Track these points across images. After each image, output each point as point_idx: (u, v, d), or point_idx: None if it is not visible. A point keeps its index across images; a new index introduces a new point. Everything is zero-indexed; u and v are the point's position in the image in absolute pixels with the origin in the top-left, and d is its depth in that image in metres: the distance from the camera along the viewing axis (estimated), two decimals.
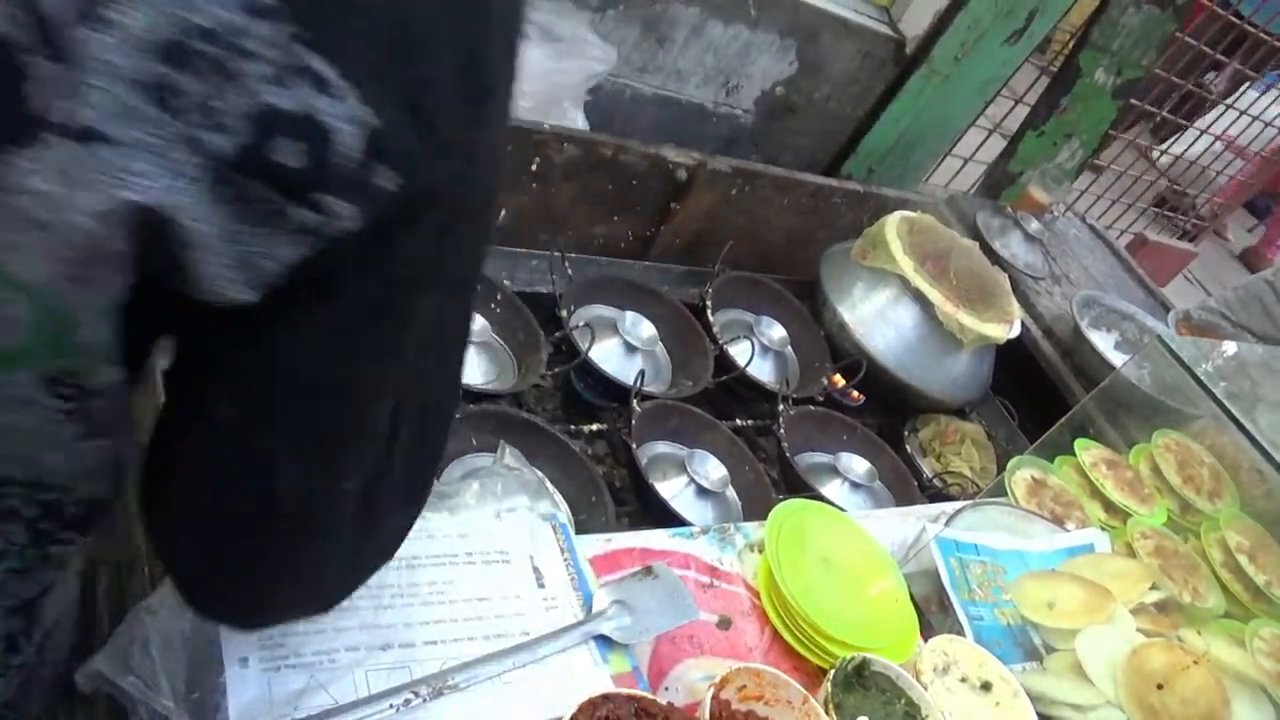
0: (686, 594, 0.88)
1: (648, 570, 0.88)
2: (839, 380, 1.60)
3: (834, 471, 1.47)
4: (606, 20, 1.70)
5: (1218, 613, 1.27)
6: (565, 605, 0.82)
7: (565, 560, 0.85)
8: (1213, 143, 3.84)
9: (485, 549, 0.80)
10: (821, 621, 0.97)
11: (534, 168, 1.45)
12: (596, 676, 0.77)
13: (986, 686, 1.00)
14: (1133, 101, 2.36)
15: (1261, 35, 3.00)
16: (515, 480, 0.88)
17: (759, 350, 1.52)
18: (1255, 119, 3.45)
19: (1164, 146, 3.93)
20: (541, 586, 0.81)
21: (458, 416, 1.15)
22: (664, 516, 1.20)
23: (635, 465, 1.24)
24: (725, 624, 0.98)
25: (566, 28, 1.60)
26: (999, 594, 1.16)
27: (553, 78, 1.55)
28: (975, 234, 1.92)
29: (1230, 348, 1.46)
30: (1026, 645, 1.14)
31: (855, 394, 1.61)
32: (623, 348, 1.41)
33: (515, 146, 1.41)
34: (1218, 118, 3.81)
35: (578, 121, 1.62)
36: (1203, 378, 1.08)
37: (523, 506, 0.87)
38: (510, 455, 0.92)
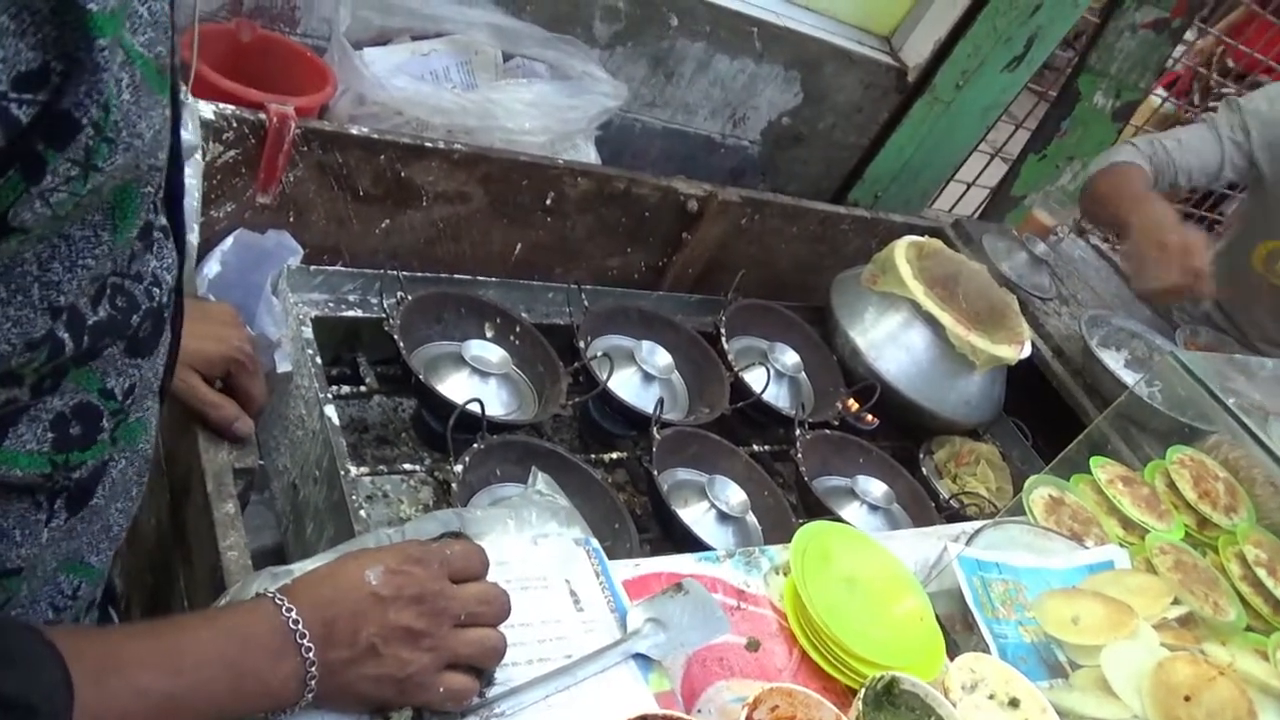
0: (717, 608, 0.89)
1: (679, 587, 0.89)
2: (853, 404, 1.61)
3: (851, 494, 1.48)
4: (615, 57, 1.74)
5: (1239, 626, 1.27)
6: (603, 627, 0.83)
7: (600, 583, 0.86)
8: None
9: (523, 575, 0.81)
10: (849, 641, 0.98)
11: (549, 202, 1.48)
12: (639, 695, 0.79)
13: (1014, 703, 1.01)
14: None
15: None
16: (547, 507, 0.90)
17: (774, 376, 1.54)
18: None
19: None
20: (580, 609, 0.83)
21: (480, 447, 1.17)
22: (686, 542, 1.22)
23: (657, 492, 1.25)
24: (754, 646, 0.99)
25: (577, 65, 1.64)
26: (1022, 611, 1.17)
27: (564, 114, 1.58)
28: (982, 257, 1.94)
29: (1240, 362, 1.47)
30: (1051, 662, 1.14)
31: (870, 417, 1.62)
32: (640, 377, 1.43)
33: (530, 182, 1.44)
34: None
35: (589, 156, 1.65)
36: (1217, 392, 1.09)
37: (554, 533, 0.88)
38: (542, 481, 0.94)
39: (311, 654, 0.65)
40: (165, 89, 0.48)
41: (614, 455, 1.39)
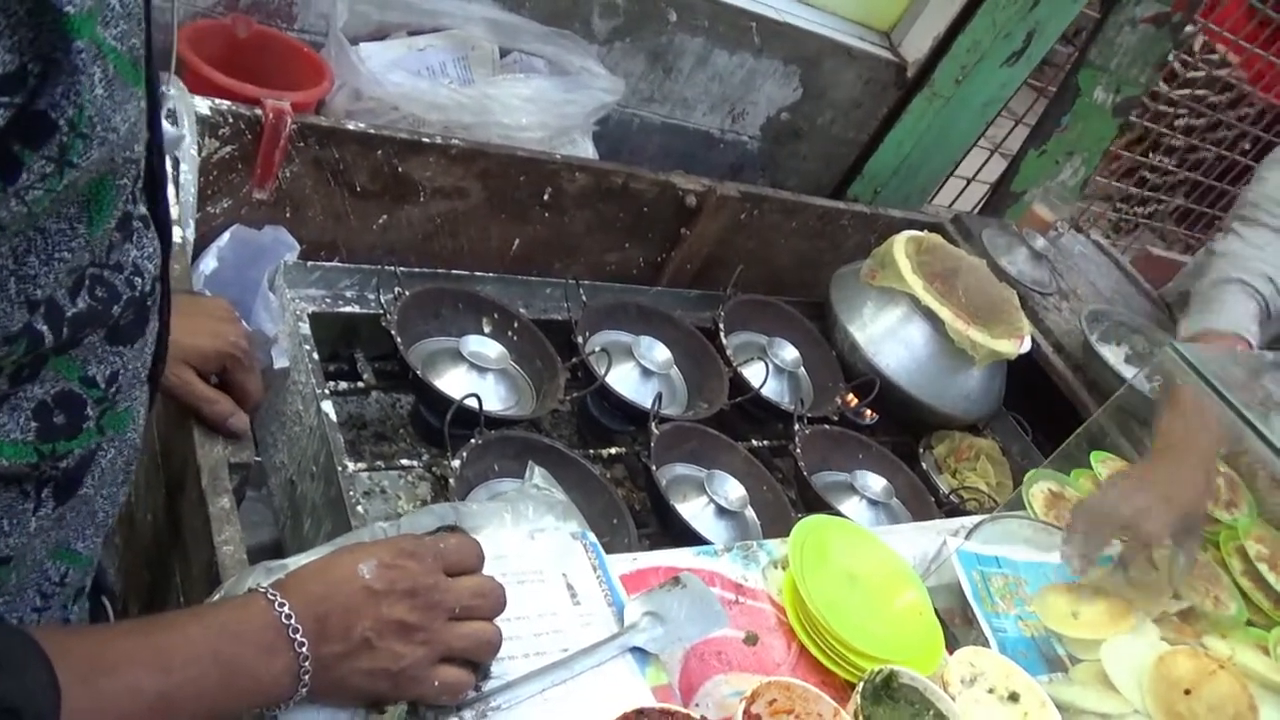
0: (715, 602, 0.89)
1: (676, 580, 0.89)
2: (853, 399, 1.61)
3: (851, 489, 1.47)
4: (614, 52, 1.73)
5: (1240, 621, 1.27)
6: (600, 621, 0.82)
7: (597, 576, 0.86)
8: None
9: (520, 569, 0.81)
10: (848, 635, 0.98)
11: (546, 197, 1.47)
12: (636, 689, 0.78)
13: (1014, 697, 1.00)
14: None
15: None
16: (544, 501, 0.90)
17: (773, 371, 1.54)
18: None
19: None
20: (577, 603, 0.82)
21: (478, 443, 1.17)
22: (685, 537, 1.21)
23: (655, 487, 1.25)
24: (752, 640, 0.99)
25: (575, 60, 1.63)
26: (1021, 606, 1.17)
27: (562, 109, 1.57)
28: (982, 252, 1.94)
29: (1241, 356, 1.47)
30: (1050, 656, 1.14)
31: (869, 412, 1.62)
32: (638, 372, 1.43)
33: (528, 177, 1.44)
34: None
35: (587, 151, 1.65)
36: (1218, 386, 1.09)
37: (551, 527, 0.88)
38: (539, 476, 0.94)
39: (304, 649, 0.65)
40: (140, 80, 0.48)
41: (612, 450, 1.39)
